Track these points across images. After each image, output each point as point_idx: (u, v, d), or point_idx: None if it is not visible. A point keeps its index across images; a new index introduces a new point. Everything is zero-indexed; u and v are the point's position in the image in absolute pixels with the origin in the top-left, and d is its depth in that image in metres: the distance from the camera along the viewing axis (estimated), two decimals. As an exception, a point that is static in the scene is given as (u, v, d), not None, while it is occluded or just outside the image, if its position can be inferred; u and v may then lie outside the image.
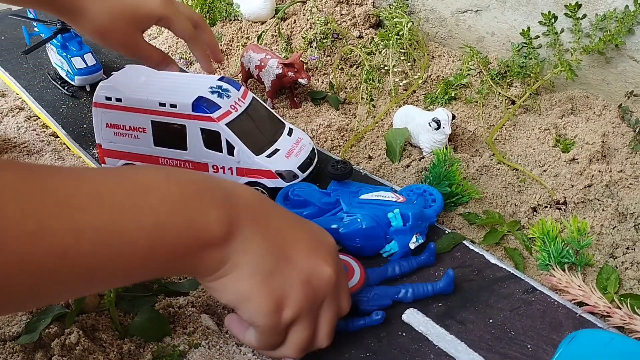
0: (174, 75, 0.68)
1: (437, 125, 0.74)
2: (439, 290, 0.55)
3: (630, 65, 0.82)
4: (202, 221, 0.39)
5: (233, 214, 0.41)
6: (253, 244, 0.42)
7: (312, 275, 0.44)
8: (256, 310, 0.43)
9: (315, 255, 0.45)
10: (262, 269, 0.42)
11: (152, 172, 0.41)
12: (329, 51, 0.99)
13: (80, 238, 0.34)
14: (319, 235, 0.47)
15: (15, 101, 0.92)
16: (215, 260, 0.41)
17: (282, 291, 0.43)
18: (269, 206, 0.45)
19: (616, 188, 0.69)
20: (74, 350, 0.50)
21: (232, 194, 0.42)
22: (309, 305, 0.44)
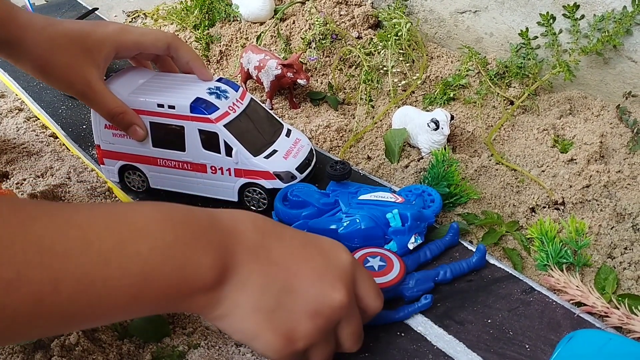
0: (173, 77, 0.67)
1: (435, 126, 0.74)
2: (473, 265, 0.58)
3: (628, 65, 0.82)
4: (193, 268, 0.38)
5: (229, 256, 0.40)
6: (251, 281, 0.41)
7: (321, 304, 0.42)
8: (266, 347, 0.42)
9: (322, 281, 0.42)
10: (264, 305, 0.41)
11: (148, 213, 0.39)
12: (328, 52, 0.99)
13: (60, 287, 0.33)
14: (328, 256, 0.44)
15: (14, 102, 0.92)
16: (209, 302, 0.40)
17: (288, 326, 0.41)
18: (271, 235, 0.43)
19: (614, 188, 0.69)
20: (73, 351, 0.50)
21: (231, 233, 0.41)
22: (322, 334, 0.43)
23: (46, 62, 0.58)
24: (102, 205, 0.41)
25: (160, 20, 1.15)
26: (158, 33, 0.65)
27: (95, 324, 0.39)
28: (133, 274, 0.36)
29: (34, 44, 0.57)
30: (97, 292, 0.34)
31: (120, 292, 0.35)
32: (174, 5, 1.17)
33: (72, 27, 0.60)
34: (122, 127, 0.62)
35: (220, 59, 1.04)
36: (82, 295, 0.34)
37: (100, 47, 0.60)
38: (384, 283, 0.54)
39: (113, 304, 0.36)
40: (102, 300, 0.35)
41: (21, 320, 0.32)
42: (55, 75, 0.59)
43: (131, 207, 0.41)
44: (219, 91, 0.63)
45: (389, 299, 0.55)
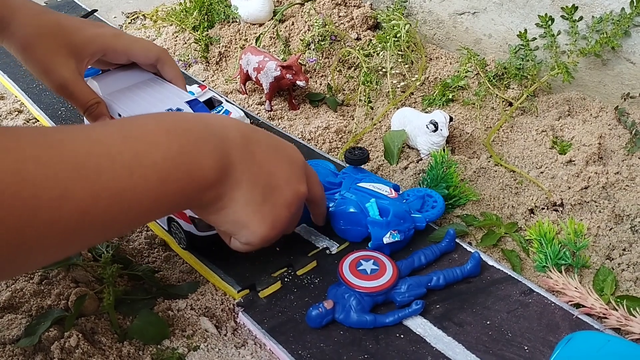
0: (162, 87, 0.63)
1: (434, 128, 0.74)
2: (467, 272, 0.58)
3: (626, 67, 0.82)
4: (199, 170, 0.44)
5: (225, 157, 0.46)
6: (243, 180, 0.48)
7: (293, 197, 0.52)
8: (252, 235, 0.50)
9: (291, 179, 0.52)
10: (254, 200, 0.49)
11: (154, 127, 0.44)
12: (327, 53, 0.99)
13: (98, 199, 0.38)
14: (292, 156, 0.53)
15: (14, 104, 0.92)
16: (212, 197, 0.47)
17: (273, 216, 0.50)
18: (252, 140, 0.50)
19: (613, 190, 0.69)
20: (73, 354, 0.50)
21: (224, 138, 0.47)
22: (293, 219, 0.54)
23: (29, 44, 0.58)
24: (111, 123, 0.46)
25: (160, 22, 1.15)
26: (149, 44, 0.65)
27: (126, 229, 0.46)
28: (152, 181, 0.41)
29: (23, 25, 0.58)
30: (127, 200, 0.40)
31: (145, 198, 0.41)
32: (173, 7, 1.17)
33: (66, 20, 0.60)
34: (93, 118, 0.61)
35: (220, 61, 1.04)
36: (116, 205, 0.39)
37: (88, 43, 0.60)
38: (375, 287, 0.54)
39: (140, 208, 0.41)
40: (132, 207, 0.40)
41: (72, 232, 0.37)
42: (35, 59, 0.58)
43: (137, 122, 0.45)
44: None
45: (380, 303, 0.55)
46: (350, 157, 0.65)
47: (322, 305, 0.53)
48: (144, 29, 1.17)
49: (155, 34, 1.14)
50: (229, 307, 0.57)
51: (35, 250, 0.36)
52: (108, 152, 0.39)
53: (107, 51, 0.62)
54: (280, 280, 0.58)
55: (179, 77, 0.65)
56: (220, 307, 0.57)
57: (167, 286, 0.59)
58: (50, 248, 0.37)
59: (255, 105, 0.92)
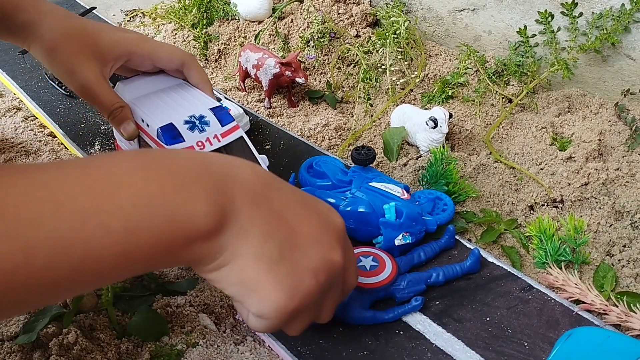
0: (187, 92, 0.63)
1: (434, 124, 0.74)
2: (467, 269, 0.58)
3: (626, 63, 0.82)
4: (185, 216, 0.36)
5: (226, 202, 0.38)
6: (253, 230, 0.38)
7: (322, 262, 0.41)
8: (264, 301, 0.39)
9: (321, 241, 0.42)
10: (267, 255, 0.39)
11: (127, 164, 0.37)
12: (326, 50, 0.99)
13: (33, 256, 0.31)
14: (326, 216, 0.44)
15: (12, 101, 0.92)
16: (207, 252, 0.37)
17: (292, 279, 0.39)
18: (271, 186, 0.41)
19: (613, 186, 0.69)
20: (71, 350, 0.50)
21: (227, 177, 0.39)
22: (320, 293, 0.41)
23: (55, 46, 0.57)
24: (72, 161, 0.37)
25: (159, 19, 1.15)
26: (174, 49, 0.63)
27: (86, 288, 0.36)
28: (115, 231, 0.33)
29: (50, 29, 0.58)
30: (78, 255, 0.32)
31: (104, 253, 0.33)
32: (172, 4, 1.17)
33: (92, 24, 0.60)
34: (117, 122, 0.59)
35: (219, 58, 1.04)
36: (60, 262, 0.32)
37: (112, 47, 0.59)
38: (375, 283, 0.54)
39: (99, 266, 0.33)
40: (86, 264, 0.33)
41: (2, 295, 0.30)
42: (60, 61, 0.58)
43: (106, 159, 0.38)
44: (200, 122, 0.58)
45: (379, 299, 0.55)
46: (357, 156, 0.64)
47: (321, 302, 0.53)
48: (143, 27, 1.16)
49: (154, 32, 1.14)
50: (228, 304, 0.57)
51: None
52: (53, 198, 0.32)
53: (131, 55, 0.61)
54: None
55: (206, 81, 0.63)
56: (219, 303, 0.57)
57: (165, 283, 0.59)
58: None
59: (255, 103, 0.91)
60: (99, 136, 0.81)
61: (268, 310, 0.39)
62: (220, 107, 0.60)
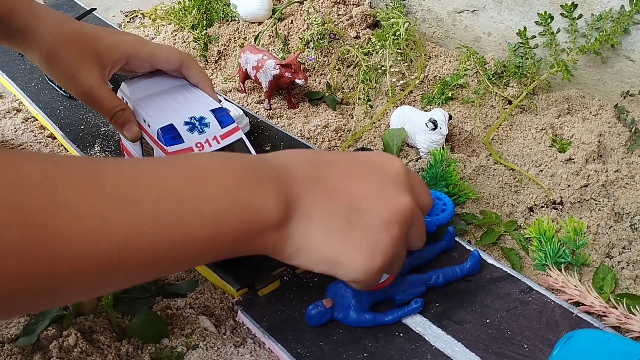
0: (190, 93, 0.63)
1: (434, 126, 0.74)
2: (467, 271, 0.58)
3: (626, 65, 0.82)
4: (260, 206, 0.40)
5: (288, 192, 0.41)
6: (316, 212, 0.42)
7: (392, 213, 0.43)
8: (351, 271, 0.43)
9: (384, 193, 0.44)
10: (337, 229, 0.42)
11: (209, 159, 0.41)
12: (326, 52, 0.99)
13: (143, 230, 0.35)
14: (381, 167, 0.45)
15: (12, 103, 0.92)
16: (280, 239, 0.41)
17: (368, 241, 0.42)
18: (321, 165, 0.44)
19: (612, 188, 0.69)
20: (72, 352, 0.50)
21: (284, 171, 0.43)
22: (401, 242, 0.44)
23: (54, 52, 0.58)
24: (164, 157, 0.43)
25: (158, 20, 1.15)
26: (172, 49, 0.64)
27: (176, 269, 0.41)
28: (207, 215, 0.37)
29: (47, 34, 0.58)
30: (177, 234, 0.36)
31: (197, 234, 0.37)
32: (172, 5, 1.17)
33: (89, 28, 0.60)
34: (119, 124, 0.60)
35: (219, 59, 1.04)
36: (163, 239, 0.35)
37: (111, 50, 0.60)
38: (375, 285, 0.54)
39: (192, 246, 0.37)
40: (183, 243, 0.36)
41: (111, 267, 0.34)
42: (60, 67, 0.58)
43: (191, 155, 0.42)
44: (200, 123, 0.58)
45: (379, 301, 0.55)
46: None
47: (321, 304, 0.53)
48: (142, 28, 1.16)
49: (154, 33, 1.14)
50: (228, 306, 0.57)
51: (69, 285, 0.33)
52: (155, 182, 0.36)
53: (130, 58, 0.61)
54: (279, 279, 0.58)
55: (205, 79, 0.64)
56: (219, 305, 0.57)
57: (165, 285, 0.59)
58: (86, 283, 0.34)
59: (254, 104, 0.92)
60: (99, 137, 0.81)
61: (357, 276, 0.43)
62: (221, 109, 0.60)
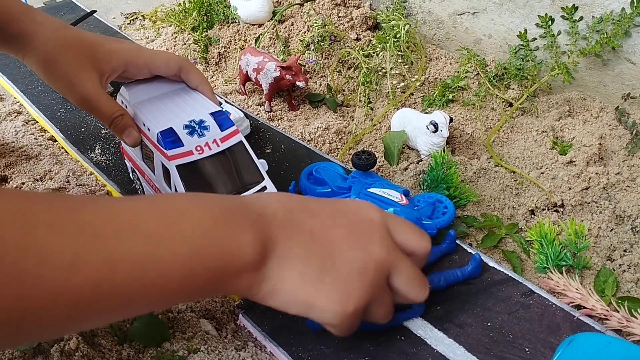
0: (189, 97, 0.63)
1: (434, 128, 0.74)
2: (468, 274, 0.57)
3: (627, 67, 0.82)
4: (235, 247, 0.40)
5: (266, 234, 0.42)
6: (292, 255, 0.42)
7: (363, 261, 0.44)
8: (323, 314, 0.43)
9: (358, 241, 0.44)
10: (310, 274, 0.42)
11: (185, 199, 0.42)
12: (327, 54, 0.99)
13: (116, 268, 0.34)
14: (357, 215, 0.46)
15: (13, 105, 0.92)
16: (255, 281, 0.41)
17: (340, 288, 0.43)
18: (299, 209, 0.45)
19: (613, 190, 0.69)
20: (73, 356, 0.50)
21: (262, 213, 0.43)
22: (374, 288, 0.44)
23: (52, 59, 0.58)
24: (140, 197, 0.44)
25: (159, 22, 1.15)
26: (170, 55, 0.64)
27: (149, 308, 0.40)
28: (181, 255, 0.37)
29: (45, 40, 0.58)
30: (151, 273, 0.36)
31: (171, 274, 0.37)
32: (172, 7, 1.17)
33: (86, 35, 0.60)
34: (119, 130, 0.60)
35: (219, 61, 1.04)
36: (137, 277, 0.35)
37: (109, 57, 0.60)
38: None
39: (166, 286, 0.37)
40: (156, 282, 0.36)
41: (82, 306, 0.34)
42: (58, 74, 0.58)
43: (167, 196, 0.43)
44: (200, 126, 0.58)
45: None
46: (358, 161, 0.64)
47: (322, 307, 0.53)
48: (143, 30, 1.16)
49: (154, 35, 1.14)
50: (230, 309, 0.57)
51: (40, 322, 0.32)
52: (131, 221, 0.36)
53: (128, 65, 0.61)
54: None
55: (205, 82, 0.64)
56: (220, 309, 0.57)
57: (167, 288, 0.59)
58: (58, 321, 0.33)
59: (255, 106, 0.92)
60: (99, 140, 0.81)
61: (330, 319, 0.44)
62: (221, 112, 0.60)
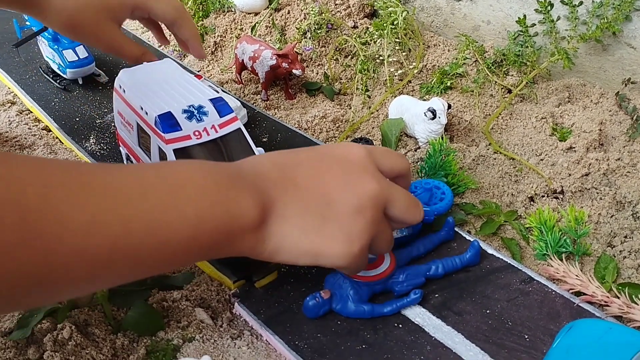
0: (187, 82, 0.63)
1: (432, 115, 0.73)
2: (467, 261, 0.57)
3: (627, 52, 0.81)
4: (238, 209, 0.41)
5: (263, 194, 0.43)
6: (290, 210, 0.44)
7: (359, 199, 0.45)
8: (332, 259, 0.45)
9: (350, 181, 0.45)
10: (311, 225, 0.44)
11: (187, 166, 0.43)
12: (324, 42, 0.98)
13: (130, 230, 0.36)
14: (344, 157, 0.47)
15: (6, 95, 0.91)
16: (259, 240, 0.43)
17: (343, 230, 0.44)
18: (290, 164, 0.46)
19: (614, 176, 0.68)
20: (66, 346, 0.49)
21: (257, 176, 0.44)
22: (375, 223, 0.46)
23: (75, 22, 0.66)
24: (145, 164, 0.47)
25: (154, 12, 1.14)
26: (168, 6, 0.70)
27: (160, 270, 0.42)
28: (189, 217, 0.39)
29: (62, 7, 0.65)
30: (162, 235, 0.38)
31: (180, 234, 0.38)
32: (168, -4, 1.15)
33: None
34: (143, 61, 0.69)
35: (215, 50, 1.03)
36: (149, 239, 0.37)
37: (120, 7, 0.68)
38: (373, 276, 0.54)
39: (176, 246, 0.39)
40: (167, 243, 0.38)
41: (101, 265, 0.35)
42: (84, 33, 0.67)
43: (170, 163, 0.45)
44: (199, 111, 0.58)
45: (378, 293, 0.55)
46: None
47: (319, 295, 0.53)
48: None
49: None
50: (225, 298, 0.56)
51: (62, 281, 0.34)
52: (140, 185, 0.38)
53: (134, 9, 0.69)
54: (276, 271, 0.57)
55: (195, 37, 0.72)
56: (215, 298, 0.56)
57: (161, 277, 0.58)
58: (78, 280, 0.35)
59: (251, 95, 0.91)
60: (94, 130, 0.80)
61: (340, 262, 0.45)
62: (220, 98, 0.60)
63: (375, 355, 0.49)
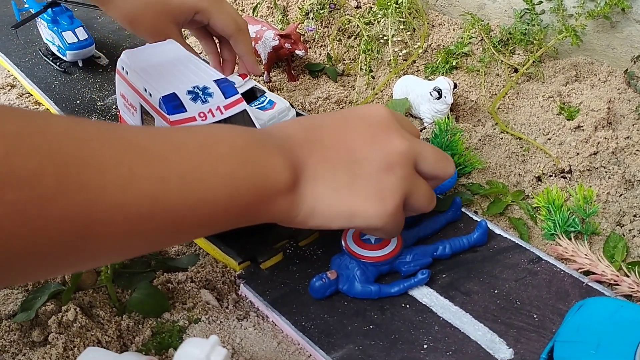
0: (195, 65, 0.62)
1: (438, 95, 0.72)
2: (474, 241, 0.56)
3: (636, 29, 0.80)
4: (269, 170, 0.41)
5: (293, 157, 0.43)
6: (320, 171, 0.44)
7: (389, 156, 0.45)
8: (367, 219, 0.44)
9: (377, 139, 0.45)
10: (342, 184, 0.44)
11: (216, 128, 0.44)
12: (326, 22, 0.97)
13: (167, 185, 0.35)
14: (368, 116, 0.47)
15: (6, 78, 0.90)
16: (293, 203, 0.43)
17: (375, 187, 0.44)
18: (313, 128, 0.46)
19: (622, 155, 0.68)
20: (71, 328, 0.49)
21: (284, 138, 0.44)
22: (407, 179, 0.45)
23: (135, 19, 0.68)
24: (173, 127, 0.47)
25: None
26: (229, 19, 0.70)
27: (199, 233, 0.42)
28: (222, 175, 0.39)
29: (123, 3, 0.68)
30: (199, 191, 0.37)
31: (216, 194, 0.38)
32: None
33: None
34: None
35: (216, 32, 1.01)
36: (186, 196, 0.36)
37: (180, 9, 0.69)
38: (379, 257, 0.53)
39: (212, 205, 0.38)
40: (204, 202, 0.37)
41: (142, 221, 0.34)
42: (142, 29, 0.69)
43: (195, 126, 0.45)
44: (203, 93, 0.57)
45: (385, 273, 0.54)
46: None
47: (325, 276, 0.52)
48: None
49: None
50: (230, 280, 0.56)
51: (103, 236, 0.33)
52: (172, 142, 0.38)
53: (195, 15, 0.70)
54: (282, 252, 0.57)
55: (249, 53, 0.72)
56: (221, 279, 0.56)
57: (166, 259, 0.58)
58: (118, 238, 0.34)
59: (253, 77, 0.89)
60: (95, 112, 0.79)
61: (375, 222, 0.45)
62: (225, 79, 0.59)
63: (383, 335, 0.49)
